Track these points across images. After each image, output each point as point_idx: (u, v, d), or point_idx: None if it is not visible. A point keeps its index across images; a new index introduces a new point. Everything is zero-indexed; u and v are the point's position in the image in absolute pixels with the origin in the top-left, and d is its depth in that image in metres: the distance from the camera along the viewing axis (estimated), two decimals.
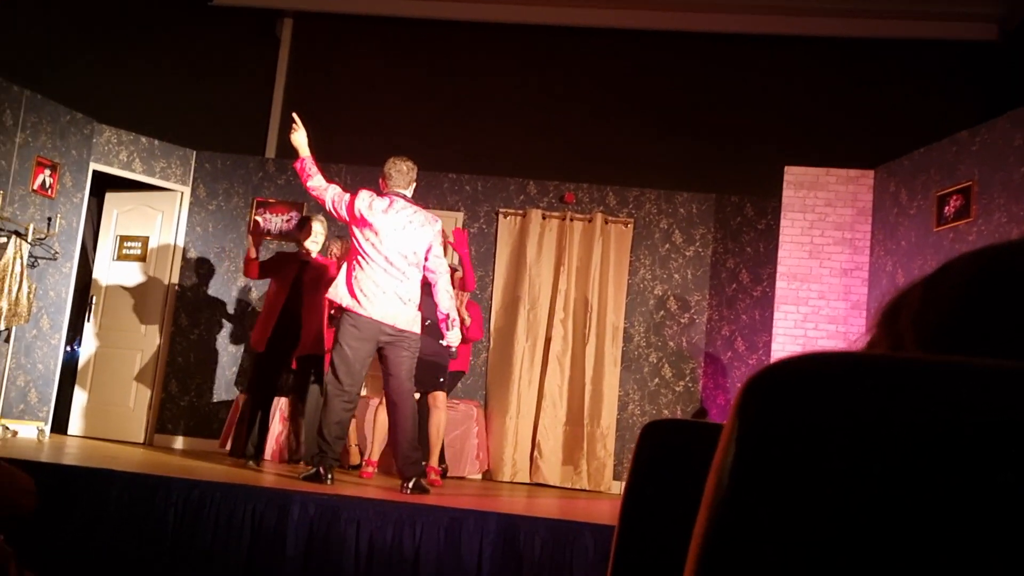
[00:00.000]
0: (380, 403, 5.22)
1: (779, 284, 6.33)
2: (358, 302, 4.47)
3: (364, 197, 4.56)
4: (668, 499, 0.81)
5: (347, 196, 4.60)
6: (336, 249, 5.91)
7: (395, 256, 4.51)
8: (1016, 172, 5.11)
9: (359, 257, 4.53)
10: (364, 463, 5.43)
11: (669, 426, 0.90)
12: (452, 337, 4.68)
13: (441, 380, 5.27)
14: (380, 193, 4.65)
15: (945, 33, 7.15)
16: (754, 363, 6.83)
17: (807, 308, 6.26)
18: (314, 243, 5.51)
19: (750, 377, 0.40)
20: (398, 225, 4.52)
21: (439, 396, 5.27)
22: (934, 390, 0.38)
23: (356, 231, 4.55)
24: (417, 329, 4.60)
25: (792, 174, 6.44)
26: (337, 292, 4.55)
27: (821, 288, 6.28)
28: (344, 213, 4.56)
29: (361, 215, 4.51)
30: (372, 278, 4.48)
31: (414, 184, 4.74)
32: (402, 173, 4.65)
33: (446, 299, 4.65)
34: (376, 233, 4.50)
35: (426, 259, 4.63)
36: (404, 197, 4.63)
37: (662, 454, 0.86)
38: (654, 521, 0.81)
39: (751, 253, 7.01)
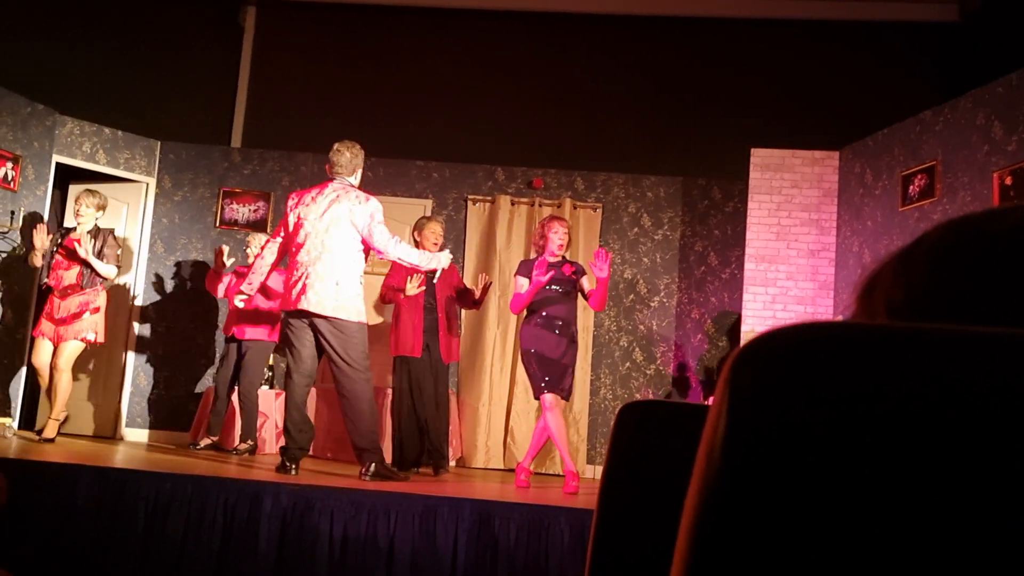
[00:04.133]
0: (552, 408, 4.81)
1: (747, 266, 6.38)
2: (287, 291, 4.52)
3: (292, 200, 4.65)
4: (648, 479, 0.81)
5: (281, 224, 4.72)
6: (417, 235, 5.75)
7: (319, 241, 4.48)
8: (979, 151, 5.19)
9: (292, 248, 4.55)
10: (517, 469, 5.19)
11: (646, 407, 0.90)
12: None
13: (545, 381, 4.79)
14: (311, 187, 4.72)
15: (907, 14, 7.25)
16: (724, 346, 6.89)
17: (775, 289, 6.33)
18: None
19: (741, 347, 0.40)
20: (320, 209, 4.52)
21: (548, 398, 4.80)
22: (930, 359, 0.38)
23: (290, 228, 4.59)
24: (340, 314, 4.43)
25: (758, 156, 6.49)
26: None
27: (789, 269, 6.35)
28: (287, 230, 4.62)
29: (292, 216, 4.58)
30: (298, 263, 4.50)
31: (360, 170, 4.70)
32: (345, 158, 4.62)
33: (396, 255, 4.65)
34: (305, 221, 4.51)
35: (369, 239, 4.53)
36: (345, 183, 4.61)
37: (640, 435, 0.86)
38: (634, 501, 0.81)
39: (719, 236, 7.05)
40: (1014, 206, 0.54)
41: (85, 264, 5.52)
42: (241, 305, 4.86)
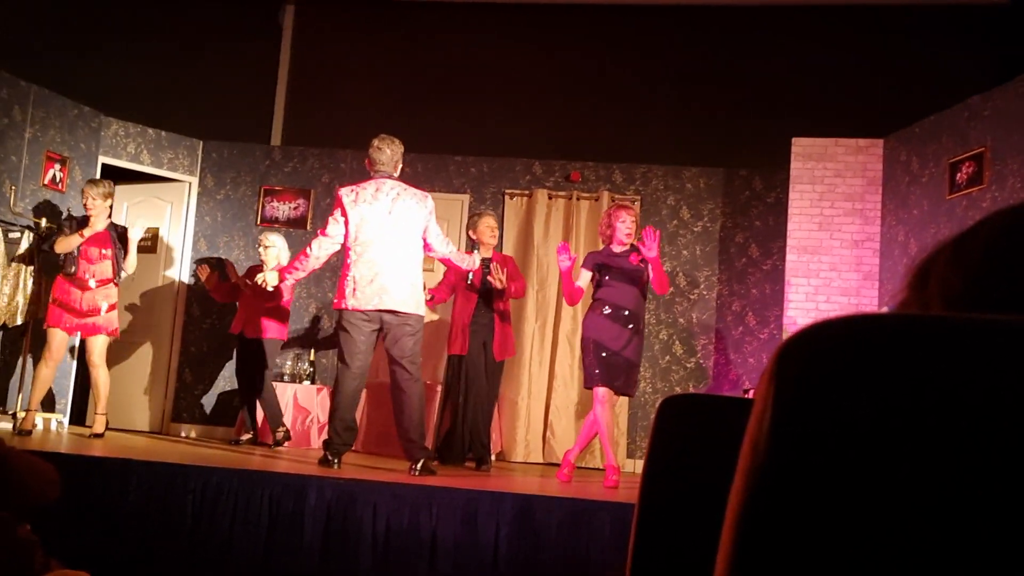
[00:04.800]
0: (604, 402, 4.71)
1: (789, 257, 6.29)
2: (355, 289, 4.48)
3: (348, 197, 4.57)
4: (689, 473, 0.81)
5: (331, 220, 4.61)
6: None
7: (389, 238, 4.50)
8: None
9: (355, 246, 4.54)
10: (563, 461, 5.14)
11: (686, 401, 0.89)
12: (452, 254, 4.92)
13: (599, 373, 4.71)
14: (363, 180, 4.68)
15: None
16: (766, 337, 6.81)
17: (818, 280, 6.23)
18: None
19: (787, 339, 0.40)
20: (385, 208, 4.53)
21: (600, 391, 4.69)
22: (986, 350, 0.37)
23: (352, 226, 4.55)
24: (418, 311, 4.57)
25: (800, 146, 6.39)
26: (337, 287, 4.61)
27: (832, 260, 6.25)
28: (341, 228, 4.56)
29: (354, 214, 4.53)
30: (368, 262, 4.49)
31: (400, 164, 4.71)
32: (386, 155, 4.62)
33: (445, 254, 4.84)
34: (371, 219, 4.50)
35: (426, 237, 4.64)
36: (391, 178, 4.63)
37: (681, 429, 0.85)
38: (676, 495, 0.80)
39: (760, 227, 6.96)
40: None
41: (119, 255, 5.63)
42: (274, 285, 5.09)
